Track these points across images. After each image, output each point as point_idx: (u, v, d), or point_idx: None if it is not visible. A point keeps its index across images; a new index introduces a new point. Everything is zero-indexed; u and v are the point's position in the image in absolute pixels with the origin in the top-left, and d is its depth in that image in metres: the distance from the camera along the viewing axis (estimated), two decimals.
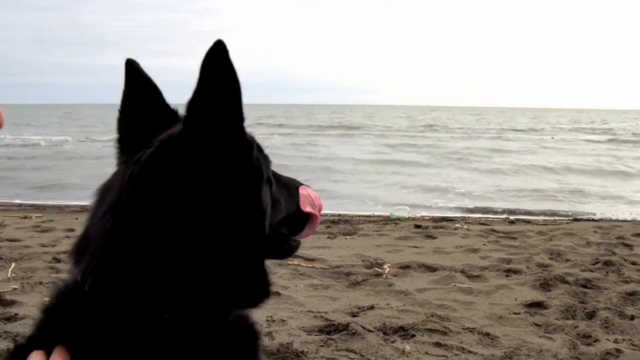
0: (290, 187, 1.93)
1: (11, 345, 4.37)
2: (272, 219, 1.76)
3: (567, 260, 7.65)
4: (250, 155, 1.62)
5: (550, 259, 7.72)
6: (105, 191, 1.61)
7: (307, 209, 1.93)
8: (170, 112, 1.75)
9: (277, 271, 6.55)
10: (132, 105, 1.76)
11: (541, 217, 12.72)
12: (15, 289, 5.98)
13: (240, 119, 1.57)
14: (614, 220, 12.20)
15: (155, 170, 1.52)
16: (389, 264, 7.18)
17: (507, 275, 6.93)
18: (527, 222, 11.42)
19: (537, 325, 5.21)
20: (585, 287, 6.37)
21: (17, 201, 14.93)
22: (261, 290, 1.74)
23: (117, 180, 1.61)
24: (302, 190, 1.97)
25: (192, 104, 1.49)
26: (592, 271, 7.05)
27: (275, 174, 1.87)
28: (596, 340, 4.84)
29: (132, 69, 1.78)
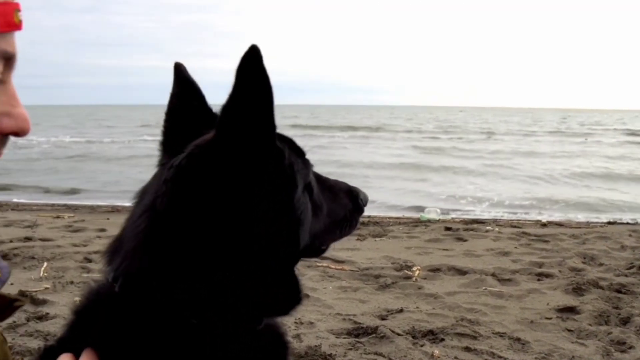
0: (336, 191, 1.91)
1: (42, 345, 4.44)
2: (314, 226, 1.74)
3: (601, 264, 7.50)
4: (282, 161, 1.61)
5: (584, 262, 7.58)
6: (143, 194, 1.63)
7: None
8: (212, 116, 1.76)
9: (306, 273, 6.53)
10: (177, 108, 1.78)
11: (575, 220, 12.54)
12: (46, 288, 6.06)
13: (272, 125, 1.56)
14: None
15: (189, 175, 1.53)
16: (419, 267, 7.12)
17: (538, 279, 6.82)
18: (560, 224, 11.26)
19: (569, 330, 5.11)
20: (620, 292, 6.24)
21: (50, 201, 15.19)
22: (292, 298, 1.72)
23: (154, 183, 1.62)
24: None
25: (225, 109, 1.49)
26: (626, 276, 6.90)
27: (320, 178, 1.86)
28: (630, 347, 4.73)
29: (179, 73, 1.79)
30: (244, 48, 1.49)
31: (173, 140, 1.70)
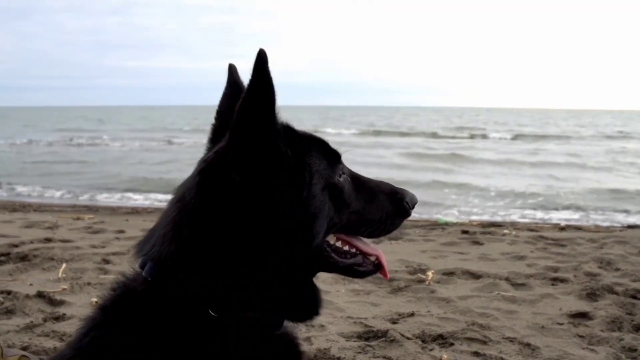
0: (376, 192, 1.94)
1: (58, 344, 4.53)
2: (334, 222, 1.79)
3: (617, 269, 7.43)
4: (287, 160, 1.68)
5: (600, 267, 7.53)
6: (179, 188, 1.75)
7: (371, 251, 1.96)
8: None
9: (320, 275, 6.54)
10: (221, 108, 1.88)
11: (593, 224, 12.44)
12: (64, 289, 6.16)
13: (271, 124, 1.64)
14: None
15: (214, 169, 1.65)
16: (433, 270, 7.12)
17: (552, 284, 6.79)
18: (579, 228, 11.17)
19: (580, 336, 5.08)
20: (635, 297, 6.18)
21: (72, 202, 15.41)
22: (309, 304, 1.78)
23: (189, 178, 1.74)
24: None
25: (236, 111, 1.58)
26: None
27: (359, 179, 1.91)
28: None
29: (230, 74, 1.89)
30: (269, 48, 1.56)
31: (219, 138, 1.81)
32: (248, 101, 1.56)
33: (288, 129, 1.79)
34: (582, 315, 5.61)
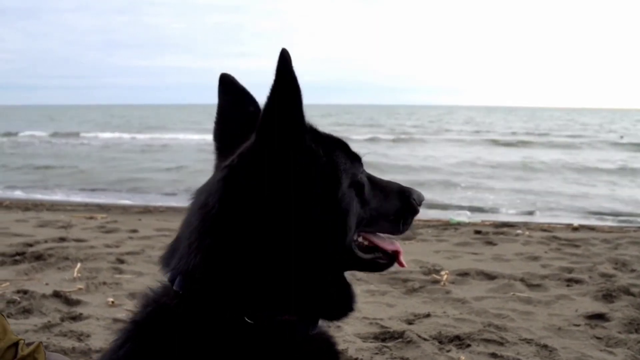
0: (388, 191, 1.98)
1: (76, 344, 4.55)
2: (361, 219, 1.81)
3: (633, 270, 7.38)
4: (318, 159, 1.69)
5: (615, 268, 7.47)
6: (199, 194, 1.75)
7: (389, 246, 1.97)
8: None
9: None
10: (226, 115, 1.89)
11: (607, 224, 12.38)
12: (80, 289, 6.19)
13: (299, 123, 1.65)
14: None
15: (239, 174, 1.65)
16: (447, 271, 7.11)
17: (568, 285, 6.75)
18: (592, 229, 11.10)
19: (597, 338, 5.06)
20: None
21: (82, 200, 15.50)
22: (343, 301, 1.79)
23: (209, 183, 1.73)
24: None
25: (262, 112, 1.59)
26: None
27: (371, 179, 1.94)
28: None
29: (227, 82, 1.90)
30: (277, 47, 1.57)
31: (227, 145, 1.81)
32: (275, 101, 1.57)
33: (313, 129, 1.80)
34: (599, 317, 5.59)
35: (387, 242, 1.97)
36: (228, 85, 1.93)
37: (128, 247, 8.42)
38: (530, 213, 14.85)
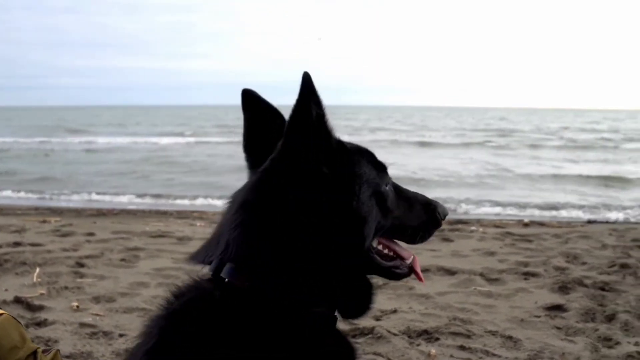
0: (413, 202, 2.09)
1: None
2: (381, 226, 1.92)
3: (584, 263, 7.68)
4: (342, 169, 1.85)
5: (567, 262, 7.75)
6: (236, 196, 1.88)
7: (407, 256, 2.07)
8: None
9: None
10: (253, 129, 2.00)
11: (556, 220, 12.77)
12: (42, 294, 6.07)
13: (327, 138, 1.79)
14: (629, 223, 12.23)
15: (272, 176, 1.80)
16: None
17: (525, 279, 6.98)
18: (542, 224, 11.46)
19: (558, 328, 5.26)
20: (604, 290, 6.41)
21: (35, 204, 15.15)
22: (364, 300, 1.90)
23: (247, 186, 1.84)
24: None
25: (288, 122, 1.71)
26: (609, 274, 7.08)
27: (398, 189, 2.06)
28: (617, 343, 4.87)
29: (250, 97, 2.01)
30: (227, 48, 1.69)
31: (257, 157, 1.95)
32: (298, 114, 1.71)
33: (339, 140, 1.91)
34: (557, 308, 5.80)
35: (405, 252, 2.08)
36: (251, 100, 2.04)
37: (86, 250, 8.28)
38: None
